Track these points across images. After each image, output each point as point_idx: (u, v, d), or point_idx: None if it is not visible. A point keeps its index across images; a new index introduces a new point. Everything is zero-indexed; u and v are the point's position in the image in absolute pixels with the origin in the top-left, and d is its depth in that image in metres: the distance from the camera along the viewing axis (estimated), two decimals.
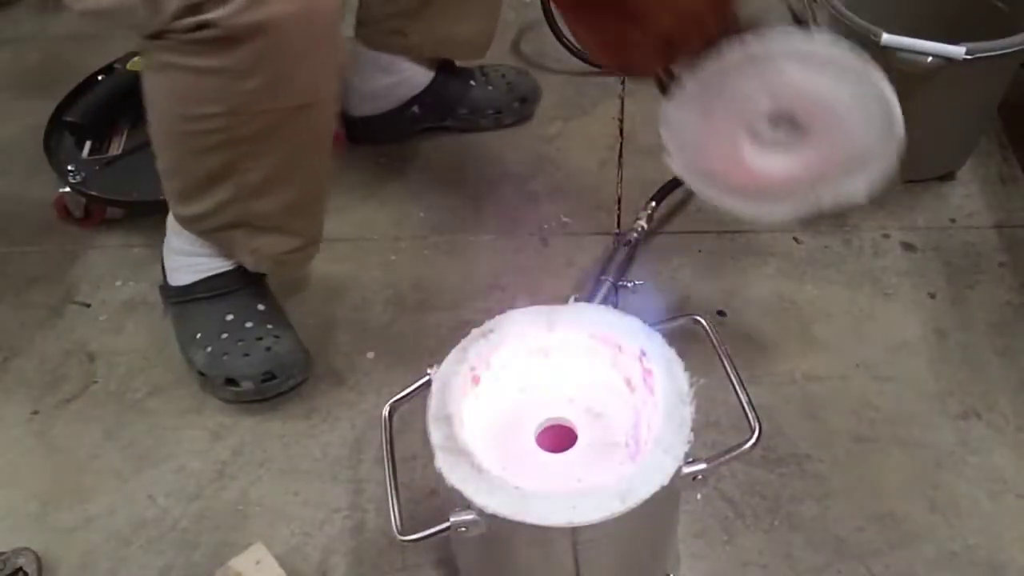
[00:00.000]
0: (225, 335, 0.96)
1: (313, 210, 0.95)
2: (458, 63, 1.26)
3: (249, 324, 0.96)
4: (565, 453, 0.69)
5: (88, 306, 1.09)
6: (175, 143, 0.87)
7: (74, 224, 1.19)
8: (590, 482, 0.66)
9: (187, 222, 0.94)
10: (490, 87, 1.27)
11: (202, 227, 0.93)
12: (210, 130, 0.82)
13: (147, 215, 1.11)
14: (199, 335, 0.97)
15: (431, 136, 1.28)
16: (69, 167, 1.16)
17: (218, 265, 0.97)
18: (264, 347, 0.95)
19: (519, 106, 1.28)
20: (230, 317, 0.97)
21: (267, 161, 0.85)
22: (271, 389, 0.95)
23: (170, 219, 0.97)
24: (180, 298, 0.99)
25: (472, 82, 1.26)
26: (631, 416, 0.70)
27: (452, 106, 1.26)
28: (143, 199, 1.12)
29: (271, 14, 0.73)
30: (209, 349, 0.96)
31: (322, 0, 0.76)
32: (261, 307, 0.98)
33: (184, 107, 0.82)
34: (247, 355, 0.94)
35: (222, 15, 0.72)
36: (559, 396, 0.72)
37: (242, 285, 0.98)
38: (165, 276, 1.01)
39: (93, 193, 1.15)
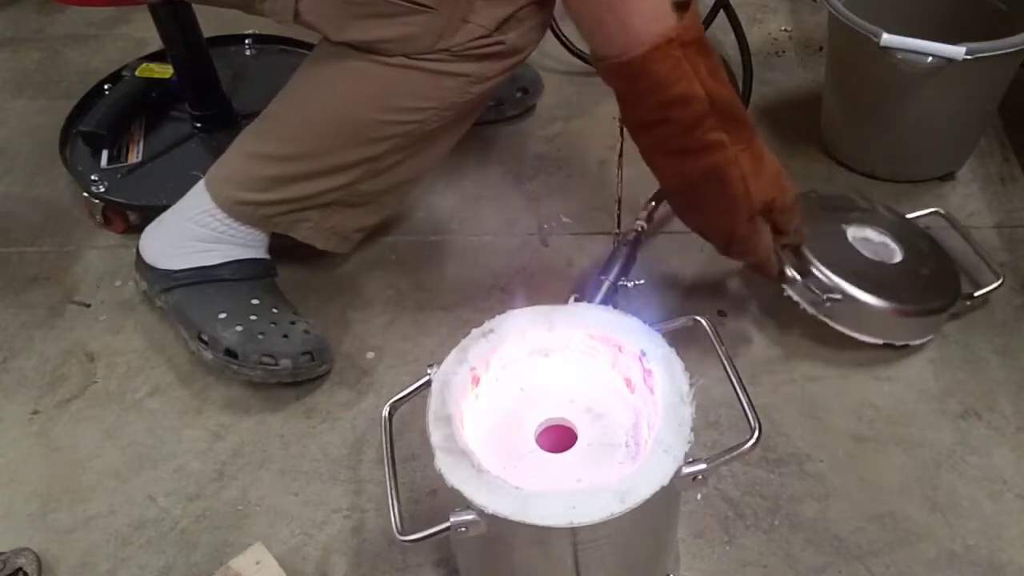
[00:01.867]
0: (255, 317, 0.96)
1: (411, 190, 1.00)
2: None
3: (276, 310, 0.97)
4: (565, 453, 0.69)
5: (88, 306, 1.09)
6: (342, 132, 0.89)
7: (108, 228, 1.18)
8: (590, 482, 0.66)
9: (260, 207, 0.94)
10: None
11: (277, 211, 0.94)
12: (406, 121, 0.87)
13: None
14: (224, 315, 0.95)
15: None
16: (92, 177, 1.16)
17: (244, 253, 0.98)
18: (302, 330, 0.96)
19: (521, 97, 1.28)
20: (256, 301, 0.97)
21: (416, 149, 0.90)
22: (307, 372, 0.96)
23: (195, 207, 0.96)
24: (197, 279, 0.97)
25: None
26: (631, 416, 0.70)
27: None
28: (171, 203, 1.12)
29: (536, 39, 0.85)
30: (240, 328, 0.94)
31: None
32: (279, 297, 1.01)
33: (394, 100, 0.86)
34: (286, 336, 0.95)
35: (512, 36, 0.82)
36: (559, 396, 0.72)
37: (266, 274, 1.00)
38: (149, 264, 0.99)
39: (121, 201, 1.15)
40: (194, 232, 0.97)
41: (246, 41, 1.34)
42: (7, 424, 0.98)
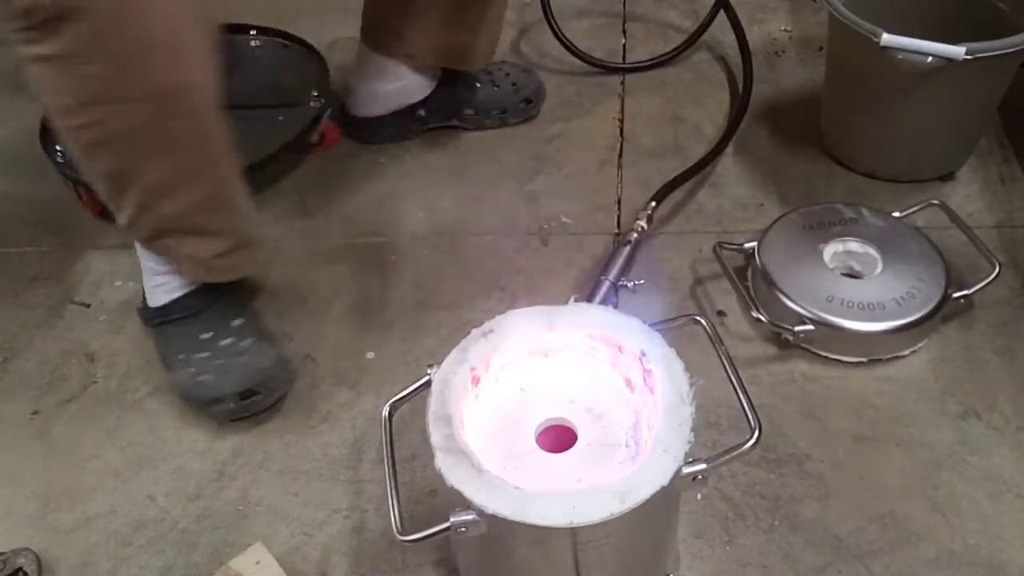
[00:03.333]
0: (205, 354, 0.94)
1: (229, 208, 0.91)
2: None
3: (226, 342, 0.95)
4: (565, 453, 0.69)
5: (88, 306, 1.09)
6: (71, 145, 0.84)
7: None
8: (590, 482, 0.66)
9: (129, 233, 0.92)
10: (496, 87, 1.27)
11: (139, 237, 0.92)
12: (84, 124, 0.80)
13: None
14: (181, 355, 0.95)
15: (431, 136, 1.28)
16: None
17: (187, 282, 0.96)
18: (242, 363, 0.93)
19: (524, 106, 1.28)
20: (207, 336, 0.95)
21: (158, 159, 0.83)
22: (255, 406, 0.93)
23: None
24: (158, 320, 0.98)
25: (478, 84, 1.26)
26: (631, 416, 0.70)
27: (458, 108, 1.26)
28: None
29: None
30: (191, 371, 0.94)
31: None
32: (237, 322, 0.96)
33: (53, 100, 0.80)
34: (227, 373, 0.92)
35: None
36: (559, 396, 0.72)
37: (213, 300, 0.96)
38: (144, 298, 1.00)
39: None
40: (147, 264, 0.97)
41: (251, 32, 1.34)
42: (7, 424, 0.98)
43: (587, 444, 0.69)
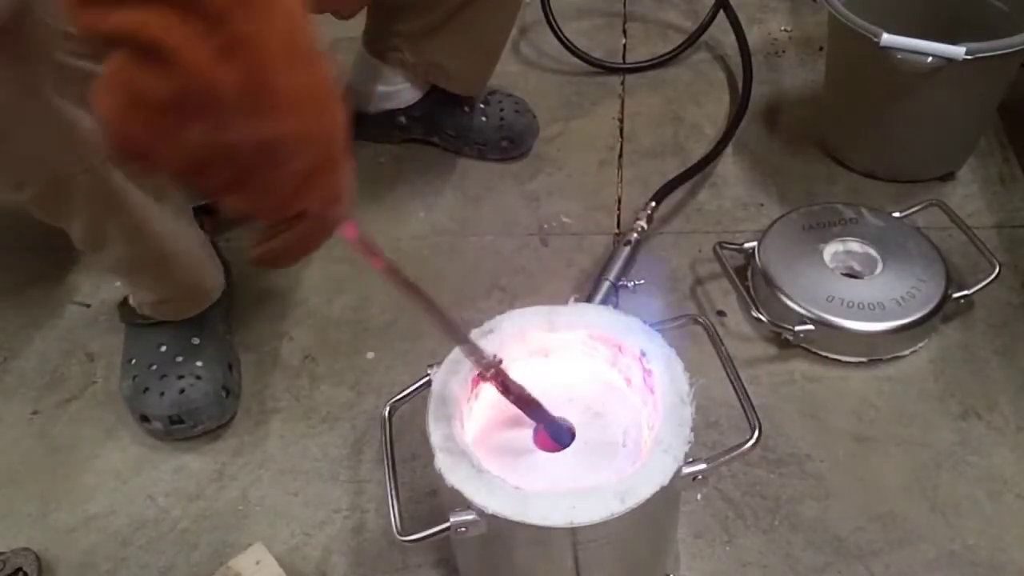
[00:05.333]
0: (154, 367, 0.93)
1: (156, 271, 0.90)
2: None
3: (179, 359, 0.94)
4: (564, 453, 0.69)
5: (88, 306, 1.09)
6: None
7: None
8: (590, 482, 0.65)
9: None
10: (483, 118, 1.22)
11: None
12: (15, 185, 0.76)
13: None
14: (133, 360, 0.95)
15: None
16: None
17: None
18: (179, 388, 0.91)
19: (506, 145, 1.23)
20: (163, 348, 0.94)
21: (70, 223, 0.82)
22: (179, 433, 0.93)
23: None
24: (126, 319, 0.98)
25: (467, 108, 1.22)
26: (631, 416, 0.70)
27: (440, 127, 1.24)
28: None
29: None
30: (135, 378, 0.94)
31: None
32: (196, 340, 0.95)
33: None
34: (163, 394, 0.92)
35: None
36: (559, 396, 0.72)
37: (184, 315, 0.96)
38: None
39: None
40: None
41: None
42: (7, 424, 0.98)
43: (586, 444, 0.69)
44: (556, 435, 0.69)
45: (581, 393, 0.72)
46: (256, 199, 0.47)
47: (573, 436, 0.70)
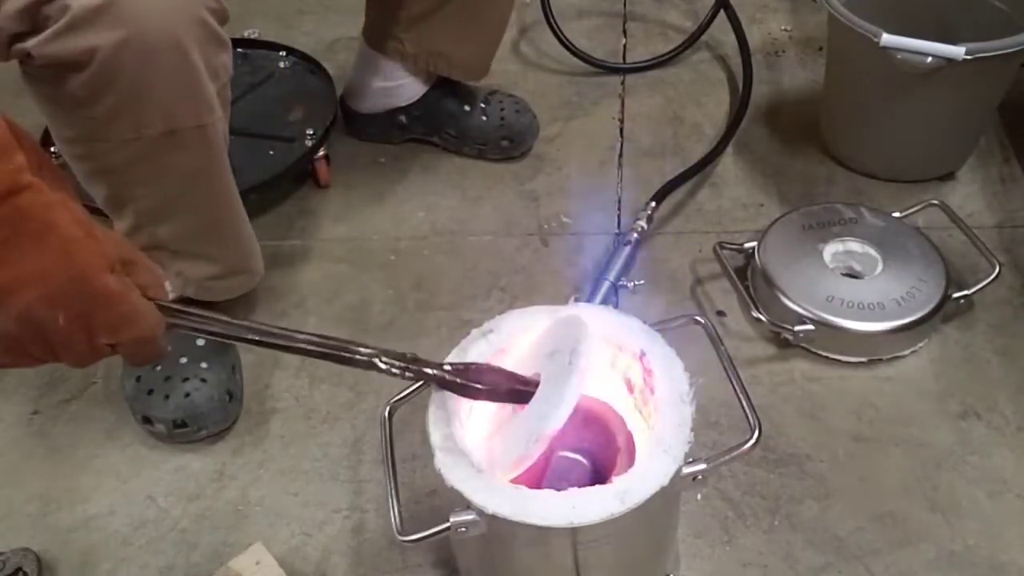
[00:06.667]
0: (158, 367, 0.93)
1: (225, 237, 0.92)
2: (467, 83, 1.24)
3: (183, 360, 0.94)
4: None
5: None
6: (70, 166, 0.85)
7: None
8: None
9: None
10: (484, 118, 1.22)
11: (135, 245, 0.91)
12: (81, 155, 0.81)
13: None
14: None
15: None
16: None
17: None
18: (184, 392, 0.92)
19: (506, 145, 1.23)
20: (168, 348, 0.95)
21: (152, 189, 0.84)
22: (182, 436, 0.93)
23: None
24: None
25: (467, 107, 1.22)
26: (631, 416, 0.70)
27: (440, 126, 1.24)
28: None
29: (91, 43, 0.70)
30: (138, 379, 0.94)
31: (154, 26, 0.71)
32: (200, 341, 0.94)
33: (55, 131, 0.82)
34: (167, 397, 0.92)
35: (34, 44, 0.71)
36: None
37: None
38: None
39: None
40: None
41: (282, 52, 1.32)
42: (7, 424, 0.98)
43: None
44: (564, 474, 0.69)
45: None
46: (57, 358, 0.56)
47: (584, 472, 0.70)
